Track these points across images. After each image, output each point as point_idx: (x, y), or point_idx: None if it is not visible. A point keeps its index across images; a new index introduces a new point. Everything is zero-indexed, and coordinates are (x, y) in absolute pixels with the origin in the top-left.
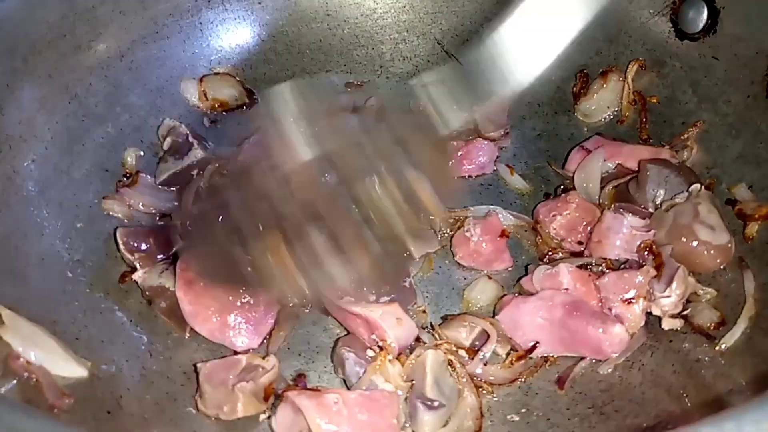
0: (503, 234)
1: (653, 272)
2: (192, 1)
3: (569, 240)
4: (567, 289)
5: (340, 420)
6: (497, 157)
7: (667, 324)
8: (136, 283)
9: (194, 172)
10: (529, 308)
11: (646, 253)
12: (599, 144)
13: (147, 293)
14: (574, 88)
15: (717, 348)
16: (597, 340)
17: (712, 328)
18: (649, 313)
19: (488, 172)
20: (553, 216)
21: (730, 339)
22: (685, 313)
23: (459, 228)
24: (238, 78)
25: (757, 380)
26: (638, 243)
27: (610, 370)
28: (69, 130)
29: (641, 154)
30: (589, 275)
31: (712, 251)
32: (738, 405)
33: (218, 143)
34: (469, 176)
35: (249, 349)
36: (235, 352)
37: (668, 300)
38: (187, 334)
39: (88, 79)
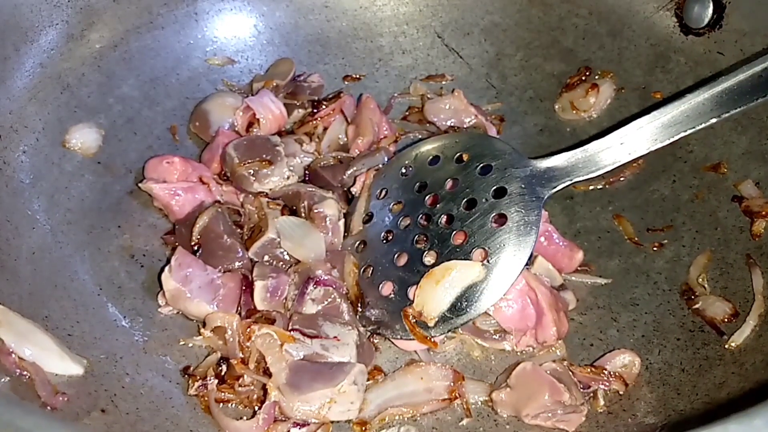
0: None
1: None
2: None
3: None
4: None
5: None
6: None
7: None
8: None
9: None
10: None
11: None
12: None
13: None
14: (570, 80)
15: (726, 346)
16: None
17: (725, 320)
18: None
19: None
20: None
21: (740, 337)
22: (695, 306)
23: None
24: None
25: None
26: None
27: None
28: (61, 121)
29: None
30: None
31: None
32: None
33: None
34: None
35: None
36: None
37: None
38: None
39: (81, 69)
